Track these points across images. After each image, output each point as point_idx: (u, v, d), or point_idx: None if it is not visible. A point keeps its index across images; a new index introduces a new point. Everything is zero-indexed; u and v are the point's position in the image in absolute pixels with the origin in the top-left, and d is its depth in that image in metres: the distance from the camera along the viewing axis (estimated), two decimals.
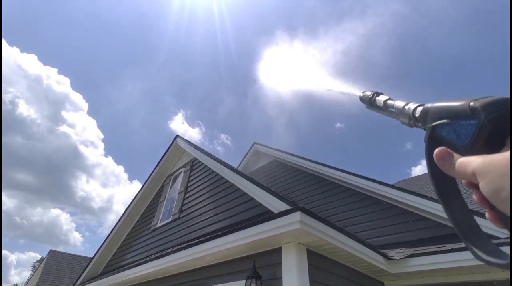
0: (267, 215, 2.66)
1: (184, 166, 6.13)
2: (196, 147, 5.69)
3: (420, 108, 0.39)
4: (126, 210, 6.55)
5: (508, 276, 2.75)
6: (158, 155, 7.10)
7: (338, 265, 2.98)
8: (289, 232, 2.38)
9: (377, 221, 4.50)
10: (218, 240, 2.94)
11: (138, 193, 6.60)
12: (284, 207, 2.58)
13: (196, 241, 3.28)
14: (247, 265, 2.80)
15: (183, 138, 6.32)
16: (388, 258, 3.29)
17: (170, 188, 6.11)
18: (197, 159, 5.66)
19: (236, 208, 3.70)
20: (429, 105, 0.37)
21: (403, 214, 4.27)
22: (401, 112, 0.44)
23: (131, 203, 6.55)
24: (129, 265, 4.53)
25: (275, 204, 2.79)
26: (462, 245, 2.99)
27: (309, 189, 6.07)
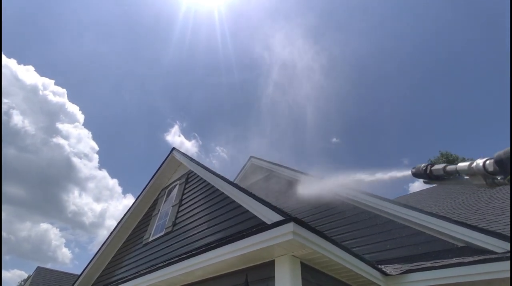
0: (260, 227, 2.61)
1: (179, 179, 6.08)
2: (191, 159, 5.68)
3: (490, 162, 0.36)
4: (118, 224, 6.39)
5: None
6: (153, 167, 7.05)
7: (333, 280, 2.89)
8: (282, 243, 2.33)
9: (374, 235, 4.42)
10: (209, 253, 2.86)
11: (132, 206, 6.47)
12: (277, 217, 2.55)
13: (187, 255, 3.19)
14: (240, 279, 2.71)
15: (179, 150, 6.32)
16: (385, 273, 3.20)
17: (165, 201, 6.02)
18: (192, 172, 5.63)
19: (230, 220, 3.64)
20: (501, 153, 0.35)
21: (400, 229, 4.20)
22: (470, 173, 0.41)
23: (123, 216, 6.41)
24: (117, 282, 4.35)
25: (268, 215, 2.75)
26: (458, 260, 2.94)
27: (305, 203, 6.01)
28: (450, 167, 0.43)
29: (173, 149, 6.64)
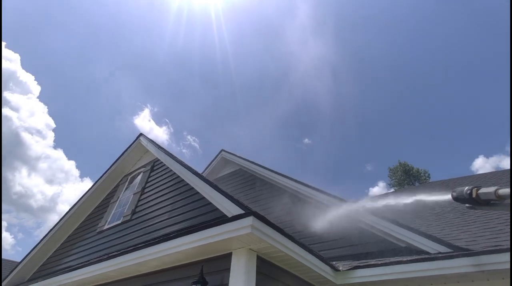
0: (220, 219, 2.62)
1: (144, 166, 5.83)
2: (159, 147, 5.47)
3: None
4: (71, 208, 5.94)
5: None
6: (117, 152, 6.63)
7: (287, 274, 3.00)
8: (240, 236, 2.36)
9: (329, 234, 4.68)
10: (166, 243, 2.80)
11: (89, 190, 6.06)
12: (238, 211, 2.57)
13: (142, 244, 3.08)
14: (196, 271, 2.69)
15: (147, 137, 6.04)
16: (335, 269, 3.42)
17: (126, 189, 5.73)
18: (159, 160, 5.43)
19: (192, 211, 3.58)
20: None
21: (353, 229, 4.51)
22: None
23: (78, 200, 5.98)
24: (63, 270, 4.06)
25: (229, 208, 2.77)
26: (399, 259, 3.25)
27: (272, 200, 6.14)
28: (503, 191, 0.37)
29: (140, 134, 6.33)
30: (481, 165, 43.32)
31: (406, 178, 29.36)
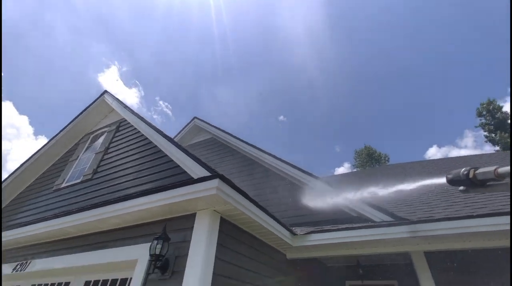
0: (187, 180, 2.62)
1: (108, 126, 5.47)
2: (126, 107, 5.13)
3: None
4: (24, 163, 5.48)
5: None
6: (77, 110, 6.08)
7: (249, 235, 3.19)
8: (205, 197, 2.40)
9: (293, 203, 5.01)
10: (129, 201, 2.76)
11: (45, 146, 5.60)
12: (205, 173, 2.59)
13: (102, 202, 3.01)
14: (159, 229, 2.72)
15: (112, 95, 5.60)
16: (293, 233, 3.71)
17: (87, 148, 5.39)
18: (125, 120, 5.12)
19: (160, 173, 3.52)
20: None
21: (315, 200, 4.86)
22: None
23: (32, 155, 5.52)
24: (17, 225, 3.84)
25: (197, 171, 2.77)
26: (350, 225, 3.62)
27: (241, 169, 6.27)
28: (503, 169, 0.36)
29: (105, 91, 5.84)
30: (434, 153, 48.55)
31: (369, 161, 31.75)
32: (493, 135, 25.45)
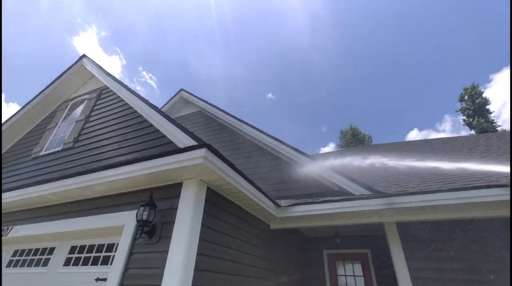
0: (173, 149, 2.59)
1: (89, 93, 5.18)
2: (107, 73, 4.85)
3: None
4: None
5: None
6: (49, 75, 5.70)
7: (234, 206, 3.29)
8: (192, 166, 2.40)
9: (280, 178, 5.15)
10: (114, 170, 2.72)
11: (19, 111, 5.27)
12: (191, 142, 2.57)
13: (87, 170, 2.94)
14: (146, 197, 2.74)
15: (92, 59, 5.24)
16: (278, 205, 3.87)
17: (66, 115, 5.13)
18: (107, 88, 4.87)
19: (145, 143, 3.45)
20: None
21: (300, 174, 5.03)
22: None
23: (5, 122, 5.20)
24: None
25: (184, 141, 2.74)
26: (331, 198, 3.81)
27: (229, 143, 6.28)
28: None
29: (83, 56, 5.45)
30: (414, 136, 50.91)
31: (353, 141, 32.73)
32: (471, 120, 26.75)
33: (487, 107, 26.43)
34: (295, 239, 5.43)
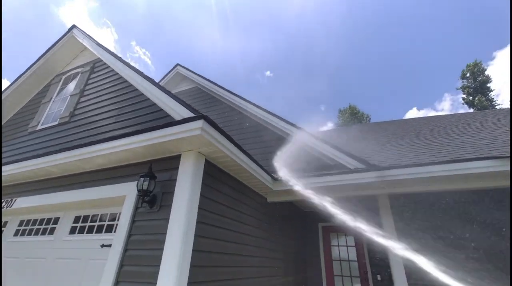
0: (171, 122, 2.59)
1: (82, 66, 5.04)
2: (100, 45, 4.68)
3: None
4: None
5: None
6: (36, 48, 5.48)
7: (232, 178, 3.37)
8: (190, 138, 2.42)
9: (278, 152, 5.22)
10: (113, 142, 2.75)
11: (11, 85, 5.16)
12: (188, 114, 2.57)
13: (87, 142, 2.96)
14: (145, 169, 2.79)
15: (83, 30, 5.03)
16: (274, 178, 3.97)
17: (60, 89, 5.03)
18: (100, 60, 4.73)
19: (142, 117, 3.43)
20: None
21: (298, 149, 5.09)
22: None
23: None
24: None
25: (182, 113, 2.73)
26: (326, 172, 3.91)
27: (226, 119, 6.27)
28: None
29: (74, 26, 5.21)
30: (413, 115, 50.97)
31: (351, 120, 32.68)
32: (471, 98, 26.54)
33: (488, 85, 26.13)
34: (291, 212, 5.65)
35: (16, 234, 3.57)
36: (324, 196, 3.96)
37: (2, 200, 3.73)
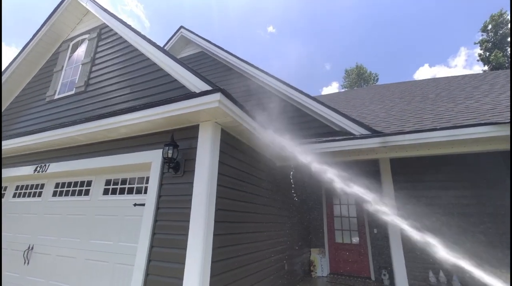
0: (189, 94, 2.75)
1: (88, 33, 4.96)
2: (104, 9, 4.55)
3: None
4: (5, 71, 5.20)
5: None
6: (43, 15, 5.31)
7: (246, 146, 3.63)
8: (207, 110, 2.61)
9: (287, 120, 5.40)
10: (135, 113, 2.94)
11: (21, 53, 5.19)
12: (206, 87, 2.71)
13: (110, 112, 3.17)
14: (165, 138, 3.05)
15: None
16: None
17: (70, 57, 5.04)
18: (107, 26, 4.65)
19: (156, 87, 3.56)
20: None
21: (305, 116, 5.26)
22: None
23: (10, 64, 5.17)
24: (22, 133, 4.05)
25: (198, 85, 2.87)
26: (331, 138, 4.13)
27: (235, 85, 6.31)
28: None
29: None
30: (424, 73, 48.73)
31: (358, 81, 31.64)
32: (487, 54, 24.91)
33: (509, 39, 24.23)
34: (298, 175, 6.06)
35: (54, 195, 4.03)
36: (331, 160, 4.26)
37: (36, 165, 4.12)
